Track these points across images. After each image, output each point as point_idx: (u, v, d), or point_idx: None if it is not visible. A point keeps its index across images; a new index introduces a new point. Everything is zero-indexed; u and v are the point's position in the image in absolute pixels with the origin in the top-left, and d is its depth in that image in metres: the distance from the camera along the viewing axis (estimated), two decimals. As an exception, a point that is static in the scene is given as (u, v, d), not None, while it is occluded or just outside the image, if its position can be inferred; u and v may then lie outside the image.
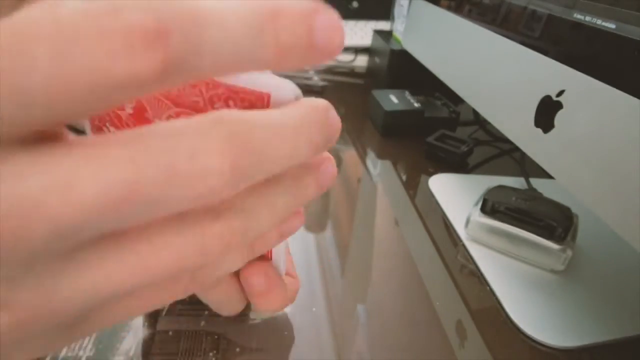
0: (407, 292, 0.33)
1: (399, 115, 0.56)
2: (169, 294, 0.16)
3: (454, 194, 0.45)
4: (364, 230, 0.39)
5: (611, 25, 0.26)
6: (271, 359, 0.27)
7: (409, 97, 0.59)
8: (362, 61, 0.85)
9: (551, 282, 0.34)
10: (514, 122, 0.34)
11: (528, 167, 0.46)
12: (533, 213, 0.35)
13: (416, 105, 0.57)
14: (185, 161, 0.11)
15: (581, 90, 0.27)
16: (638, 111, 0.23)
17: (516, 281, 0.34)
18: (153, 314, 0.28)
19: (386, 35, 0.75)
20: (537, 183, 0.44)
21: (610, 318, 0.32)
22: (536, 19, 0.33)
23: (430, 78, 0.50)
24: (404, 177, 0.48)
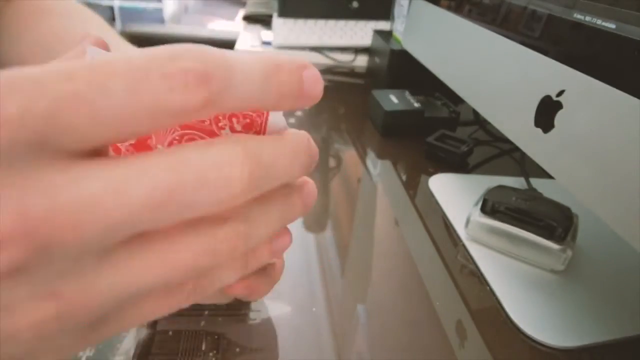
0: (407, 292, 0.33)
1: (399, 115, 0.56)
2: (175, 301, 0.17)
3: (454, 194, 0.45)
4: (364, 230, 0.39)
5: (611, 25, 0.26)
6: (271, 359, 0.27)
7: (409, 97, 0.59)
8: (362, 61, 0.85)
9: (551, 282, 0.34)
10: (514, 122, 0.34)
11: (528, 167, 0.46)
12: (533, 213, 0.35)
13: (416, 105, 0.57)
14: (214, 170, 0.14)
15: (581, 90, 0.27)
16: (638, 111, 0.23)
17: (516, 281, 0.34)
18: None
19: (386, 35, 0.75)
20: (537, 183, 0.44)
21: (610, 318, 0.32)
22: (536, 19, 0.33)
23: (430, 78, 0.50)
24: (404, 177, 0.48)
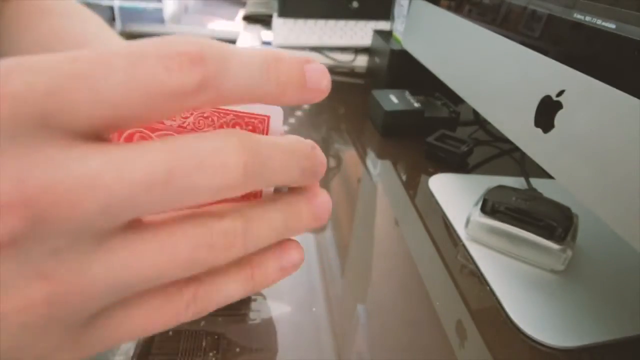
0: (407, 292, 0.33)
1: (399, 115, 0.56)
2: (173, 309, 0.17)
3: (454, 194, 0.45)
4: (364, 230, 0.39)
5: (611, 25, 0.26)
6: (271, 359, 0.27)
7: (409, 97, 0.59)
8: (362, 61, 0.85)
9: (551, 282, 0.34)
10: (514, 122, 0.34)
11: (528, 167, 0.46)
12: (533, 213, 0.35)
13: (416, 105, 0.57)
14: (211, 155, 0.14)
15: (581, 90, 0.27)
16: (638, 111, 0.23)
17: (516, 281, 0.34)
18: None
19: (386, 35, 0.75)
20: (537, 183, 0.44)
21: (610, 318, 0.32)
22: (536, 19, 0.33)
23: (430, 78, 0.50)
24: (404, 177, 0.48)
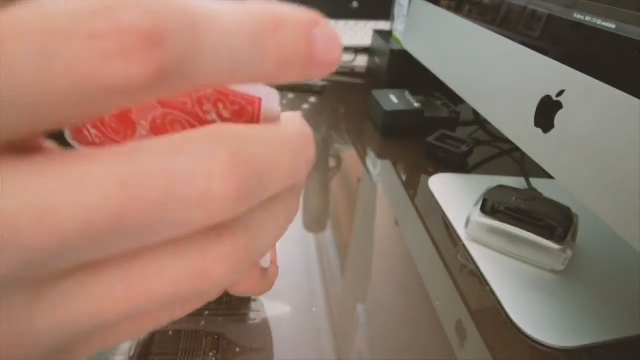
0: (407, 292, 0.33)
1: (399, 115, 0.56)
2: (166, 317, 0.14)
3: (454, 194, 0.45)
4: (364, 230, 0.39)
5: (611, 25, 0.26)
6: (271, 359, 0.27)
7: (409, 97, 0.59)
8: (362, 61, 0.85)
9: (551, 282, 0.34)
10: (514, 122, 0.34)
11: (528, 167, 0.46)
12: (533, 213, 0.35)
13: (416, 105, 0.57)
14: (184, 185, 0.10)
15: (581, 90, 0.27)
16: (638, 111, 0.23)
17: (516, 281, 0.34)
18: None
19: (386, 35, 0.75)
20: (537, 183, 0.44)
21: (610, 318, 0.32)
22: (536, 19, 0.33)
23: (430, 78, 0.50)
24: (404, 177, 0.48)
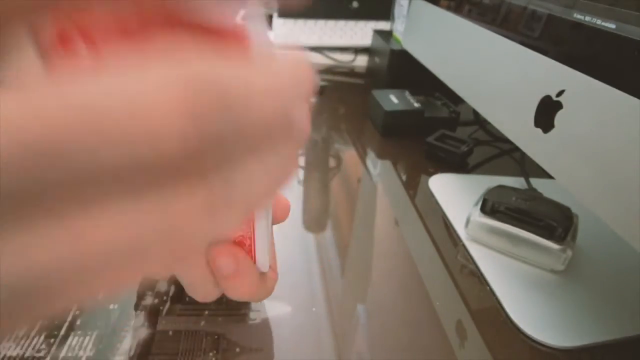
0: (407, 292, 0.33)
1: (399, 115, 0.56)
2: (141, 266, 0.11)
3: (454, 194, 0.45)
4: (364, 230, 0.39)
5: (611, 25, 0.26)
6: (271, 359, 0.27)
7: (409, 97, 0.59)
8: (362, 61, 0.85)
9: (551, 282, 0.34)
10: (514, 122, 0.34)
11: (528, 167, 0.46)
12: (533, 213, 0.35)
13: (416, 105, 0.57)
14: (134, 116, 0.09)
15: (581, 90, 0.27)
16: (638, 111, 0.23)
17: (516, 281, 0.34)
18: (153, 314, 0.29)
19: (386, 35, 0.75)
20: (537, 183, 0.44)
21: (610, 318, 0.32)
22: (536, 19, 0.33)
23: (430, 78, 0.50)
24: (404, 177, 0.48)
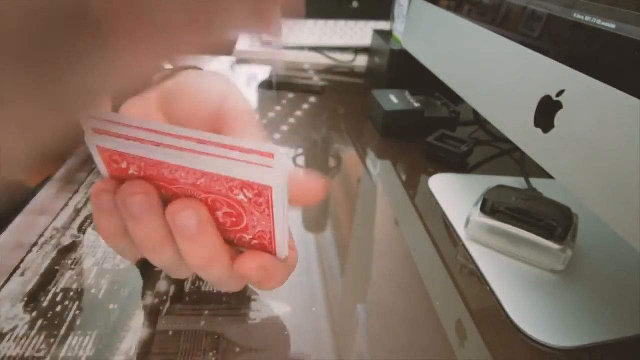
0: (407, 292, 0.33)
1: (399, 115, 0.56)
2: None
3: (454, 194, 0.45)
4: (364, 230, 0.39)
5: (611, 25, 0.26)
6: (271, 359, 0.27)
7: (409, 97, 0.59)
8: (362, 61, 0.85)
9: (551, 282, 0.34)
10: (514, 122, 0.34)
11: (528, 167, 0.46)
12: (533, 213, 0.35)
13: (416, 105, 0.57)
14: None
15: (581, 90, 0.27)
16: (638, 111, 0.23)
17: (516, 281, 0.34)
18: (153, 314, 0.29)
19: (386, 35, 0.75)
20: (537, 183, 0.44)
21: (610, 318, 0.32)
22: (536, 19, 0.33)
23: (430, 78, 0.50)
24: (404, 177, 0.48)
